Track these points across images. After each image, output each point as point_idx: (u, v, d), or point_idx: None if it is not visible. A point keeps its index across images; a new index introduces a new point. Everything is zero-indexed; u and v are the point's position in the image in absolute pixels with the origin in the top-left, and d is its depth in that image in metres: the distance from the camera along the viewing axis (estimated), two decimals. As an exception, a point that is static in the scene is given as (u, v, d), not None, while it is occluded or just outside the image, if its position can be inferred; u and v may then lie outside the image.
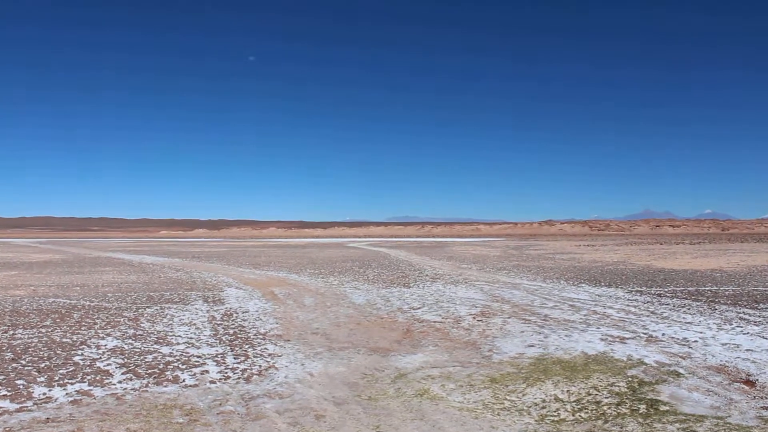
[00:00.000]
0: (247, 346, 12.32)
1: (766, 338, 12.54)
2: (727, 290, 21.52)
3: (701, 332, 13.27)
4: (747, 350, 11.46)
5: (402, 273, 31.26)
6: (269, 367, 10.54)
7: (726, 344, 12.02)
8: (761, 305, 17.44)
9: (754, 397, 8.50)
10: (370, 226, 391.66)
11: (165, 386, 9.30)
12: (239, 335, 13.53)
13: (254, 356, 11.42)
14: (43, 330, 14.07)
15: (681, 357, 10.96)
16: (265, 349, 12.12)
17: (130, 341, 12.82)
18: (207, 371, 10.23)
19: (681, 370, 9.98)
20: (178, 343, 12.58)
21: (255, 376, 9.91)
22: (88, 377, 9.81)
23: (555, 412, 7.96)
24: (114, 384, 9.42)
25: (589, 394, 8.71)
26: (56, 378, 9.76)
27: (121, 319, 15.66)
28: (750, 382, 9.22)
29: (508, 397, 8.62)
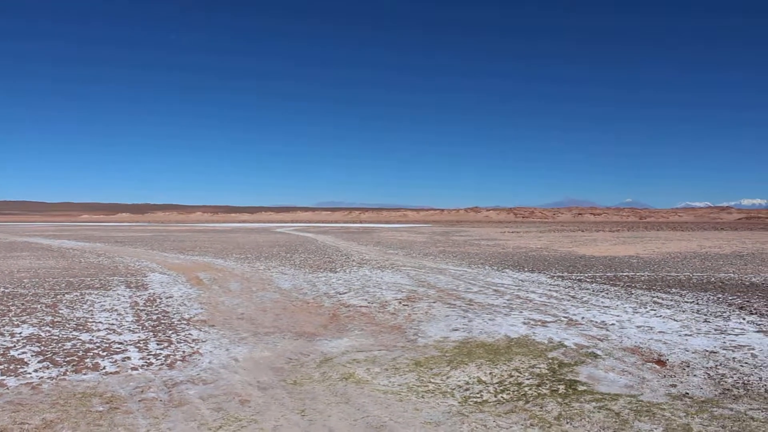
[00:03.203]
0: (170, 332, 12.11)
1: (677, 321, 13.12)
2: (643, 276, 22.39)
3: (618, 316, 13.78)
4: (659, 332, 11.97)
5: (329, 258, 31.25)
6: (193, 353, 10.39)
7: (640, 327, 12.52)
8: (673, 290, 18.24)
9: (665, 375, 8.90)
10: (297, 211, 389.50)
11: (84, 374, 9.05)
12: (163, 321, 13.28)
13: (178, 342, 11.23)
14: (-47, 317, 13.47)
15: (599, 339, 11.35)
16: (190, 334, 11.94)
17: (48, 328, 12.41)
18: (129, 358, 10.01)
19: (598, 352, 10.34)
20: (99, 330, 12.26)
21: (179, 362, 9.76)
22: (1, 367, 9.42)
23: (478, 393, 8.14)
24: (29, 373, 9.09)
25: (511, 376, 8.93)
26: (-34, 367, 9.37)
27: (38, 306, 15.13)
28: (661, 362, 9.64)
29: (432, 380, 8.75)
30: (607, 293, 17.51)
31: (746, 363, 9.60)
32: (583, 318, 13.51)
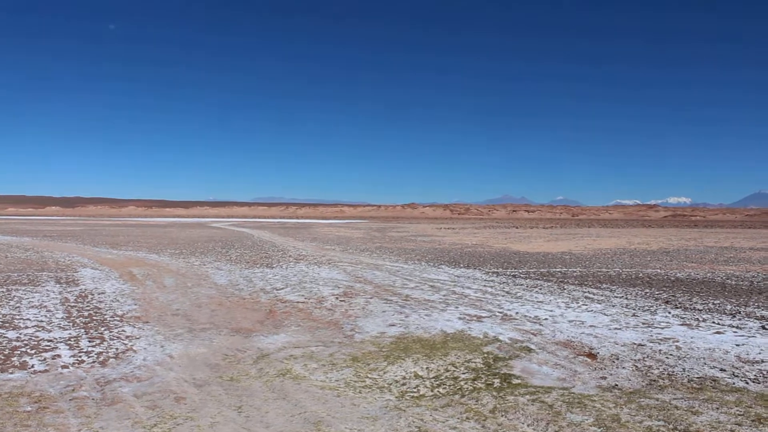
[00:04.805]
0: (103, 329, 11.81)
1: (607, 315, 13.52)
2: (575, 271, 22.97)
3: (551, 310, 14.11)
4: (590, 326, 12.31)
5: (265, 254, 30.99)
6: (127, 350, 10.17)
7: (572, 321, 12.85)
8: (604, 285, 18.79)
9: (595, 368, 9.17)
10: (233, 206, 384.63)
11: (11, 373, 8.73)
12: (95, 317, 12.95)
13: (111, 339, 10.97)
14: None
15: (532, 334, 11.60)
16: (123, 331, 11.67)
17: (-30, 325, 11.95)
18: (59, 356, 9.71)
19: (532, 346, 10.57)
20: (27, 327, 11.86)
21: (111, 360, 9.53)
22: None
23: (415, 388, 8.22)
24: (-50, 371, 8.76)
25: (448, 371, 9.05)
26: None
27: (-40, 302, 14.56)
28: (592, 355, 9.93)
29: (369, 375, 8.80)
30: (540, 289, 17.90)
31: (671, 355, 9.97)
32: (517, 313, 13.78)
